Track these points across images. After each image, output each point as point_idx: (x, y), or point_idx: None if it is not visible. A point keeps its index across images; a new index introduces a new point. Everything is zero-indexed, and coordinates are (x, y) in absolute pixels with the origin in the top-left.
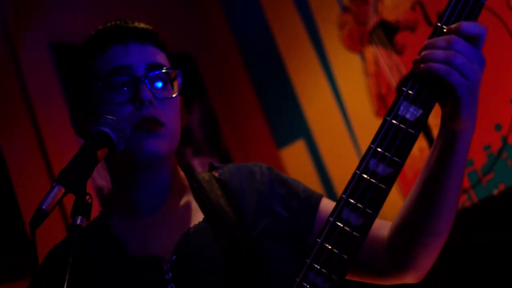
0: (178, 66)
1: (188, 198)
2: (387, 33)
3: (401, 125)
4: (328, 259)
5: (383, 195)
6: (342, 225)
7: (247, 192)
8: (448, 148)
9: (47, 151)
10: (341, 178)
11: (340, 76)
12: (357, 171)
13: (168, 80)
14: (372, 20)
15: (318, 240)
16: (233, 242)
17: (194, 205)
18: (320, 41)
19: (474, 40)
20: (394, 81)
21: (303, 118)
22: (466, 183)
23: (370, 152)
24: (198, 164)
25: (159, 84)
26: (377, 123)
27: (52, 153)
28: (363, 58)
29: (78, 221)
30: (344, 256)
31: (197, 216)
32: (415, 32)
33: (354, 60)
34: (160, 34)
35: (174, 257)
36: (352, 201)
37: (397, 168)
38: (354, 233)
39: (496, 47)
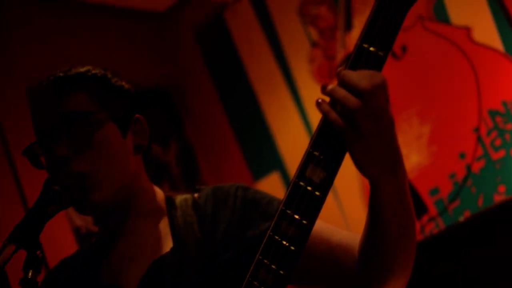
0: (104, 99)
1: (163, 224)
2: None
3: (307, 187)
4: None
5: (294, 256)
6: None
7: (219, 218)
8: (372, 193)
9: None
10: None
11: (311, 109)
12: (270, 233)
13: (83, 126)
14: (340, 54)
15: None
16: (193, 276)
17: (167, 231)
18: (291, 76)
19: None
20: None
21: (276, 151)
22: (433, 210)
23: (278, 213)
24: None
25: (76, 133)
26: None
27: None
28: None
29: (30, 275)
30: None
31: (167, 245)
32: None
33: (320, 88)
34: (137, 71)
35: None
36: (266, 261)
37: (305, 230)
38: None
39: (458, 77)
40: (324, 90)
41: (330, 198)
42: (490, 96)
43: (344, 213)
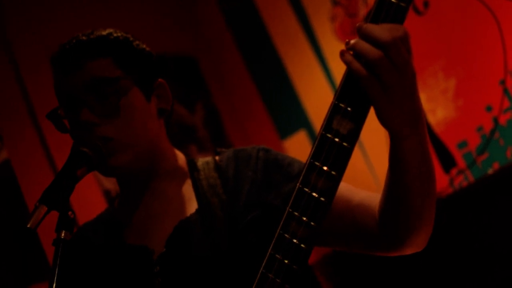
0: (128, 63)
1: (187, 186)
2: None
3: (334, 139)
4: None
5: (323, 207)
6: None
7: (242, 180)
8: (392, 143)
9: (53, 157)
10: None
11: (335, 67)
12: (299, 185)
13: (108, 91)
14: (362, 11)
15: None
16: (220, 236)
17: (191, 194)
18: (313, 35)
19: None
20: None
21: (302, 109)
22: (462, 164)
23: (306, 165)
24: None
25: (101, 98)
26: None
27: (58, 160)
28: None
29: (62, 235)
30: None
31: (192, 206)
32: None
33: (344, 44)
34: (162, 38)
35: (164, 250)
36: (296, 214)
37: (335, 181)
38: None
39: (482, 30)
40: (347, 45)
41: (356, 153)
42: None
43: (372, 167)
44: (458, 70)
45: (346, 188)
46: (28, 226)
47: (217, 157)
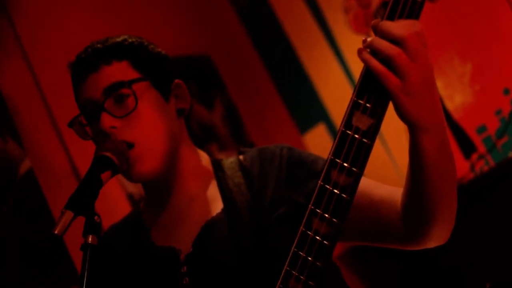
0: (144, 66)
1: (212, 186)
2: None
3: (354, 135)
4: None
5: (345, 204)
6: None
7: (266, 178)
8: (411, 143)
9: (75, 164)
10: None
11: (351, 58)
12: (321, 182)
13: (126, 94)
14: (375, 2)
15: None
16: (246, 235)
17: (216, 193)
18: (328, 27)
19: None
20: None
21: (320, 103)
22: (482, 148)
23: (327, 163)
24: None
25: (120, 102)
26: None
27: (80, 168)
28: None
29: (90, 240)
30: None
31: (217, 206)
32: None
33: (361, 41)
34: (176, 40)
35: (191, 250)
36: (318, 211)
37: (356, 178)
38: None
39: (496, 13)
40: (364, 43)
41: (378, 145)
42: None
43: (394, 158)
44: (474, 55)
45: (368, 183)
46: (56, 232)
47: (241, 157)
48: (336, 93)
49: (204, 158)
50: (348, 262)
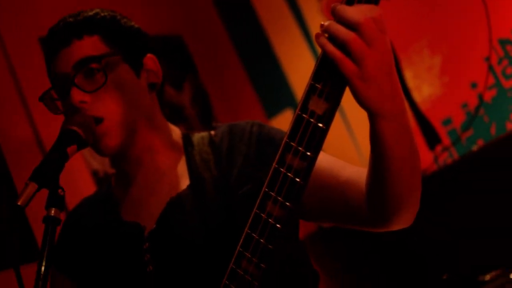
0: (115, 41)
1: (181, 161)
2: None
3: (310, 119)
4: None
5: (298, 188)
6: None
7: (235, 154)
8: (370, 123)
9: (41, 137)
10: (327, 142)
11: None
12: (275, 165)
13: (96, 69)
14: None
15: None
16: (211, 212)
17: (184, 169)
18: (301, 14)
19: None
20: None
21: (289, 88)
22: (447, 141)
23: (282, 146)
24: None
25: (90, 77)
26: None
27: (46, 141)
28: None
29: (52, 213)
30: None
31: (184, 182)
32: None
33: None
34: (148, 16)
35: (155, 226)
36: (272, 193)
37: (310, 162)
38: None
39: (467, 7)
40: (322, 27)
41: (343, 130)
42: (500, 25)
43: (357, 143)
44: (443, 47)
45: (335, 163)
46: (19, 203)
47: (212, 132)
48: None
49: (175, 132)
50: (315, 243)
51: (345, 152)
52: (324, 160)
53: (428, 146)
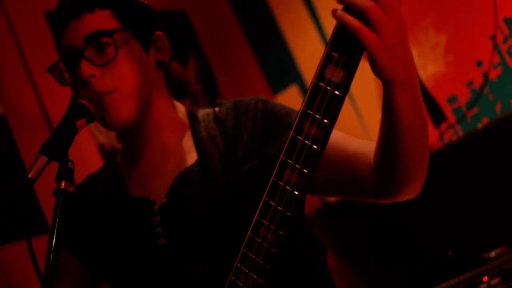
0: (126, 16)
1: (187, 137)
2: None
3: (327, 87)
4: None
5: (317, 156)
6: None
7: (240, 130)
8: (385, 98)
9: (48, 112)
10: None
11: (327, 22)
12: (292, 133)
13: (107, 43)
14: None
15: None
16: (219, 187)
17: (191, 145)
18: None
19: None
20: None
21: (294, 64)
22: (452, 118)
23: (299, 114)
24: None
25: (100, 51)
26: (364, 66)
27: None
28: None
29: (62, 186)
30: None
31: (192, 157)
32: None
33: (339, 7)
34: None
35: (165, 200)
36: (290, 161)
37: (327, 130)
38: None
39: None
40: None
41: (347, 105)
42: (505, 4)
43: (362, 119)
44: (449, 26)
45: (342, 136)
46: (29, 176)
47: (217, 109)
48: (311, 57)
49: (181, 110)
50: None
51: (349, 126)
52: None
53: (433, 124)
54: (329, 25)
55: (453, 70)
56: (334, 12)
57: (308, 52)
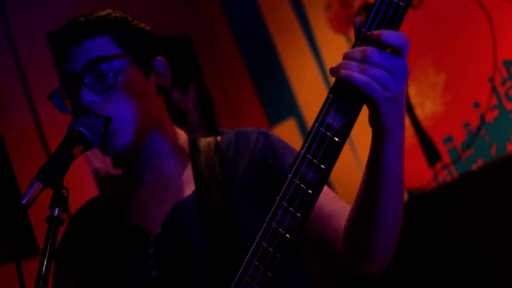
0: (126, 42)
1: (186, 167)
2: None
3: (326, 132)
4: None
5: (311, 200)
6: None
7: (239, 162)
8: (377, 148)
9: (45, 136)
10: None
11: (328, 56)
12: (288, 175)
13: (107, 70)
14: (357, 3)
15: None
16: (215, 218)
17: (190, 174)
18: (308, 23)
19: (396, 50)
20: None
21: (293, 97)
22: (447, 158)
23: (299, 157)
24: None
25: (100, 77)
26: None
27: (50, 138)
28: (349, 39)
29: (56, 213)
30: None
31: (189, 188)
32: None
33: (340, 41)
34: (159, 20)
35: (160, 230)
36: (284, 203)
37: (323, 175)
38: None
39: (473, 25)
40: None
41: (346, 147)
42: (505, 47)
43: (360, 161)
44: (448, 66)
45: (326, 194)
46: (24, 202)
47: (218, 138)
48: (309, 90)
49: (182, 136)
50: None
51: (347, 171)
52: None
53: (428, 163)
54: (329, 59)
55: (450, 110)
56: (336, 71)
57: (307, 84)
